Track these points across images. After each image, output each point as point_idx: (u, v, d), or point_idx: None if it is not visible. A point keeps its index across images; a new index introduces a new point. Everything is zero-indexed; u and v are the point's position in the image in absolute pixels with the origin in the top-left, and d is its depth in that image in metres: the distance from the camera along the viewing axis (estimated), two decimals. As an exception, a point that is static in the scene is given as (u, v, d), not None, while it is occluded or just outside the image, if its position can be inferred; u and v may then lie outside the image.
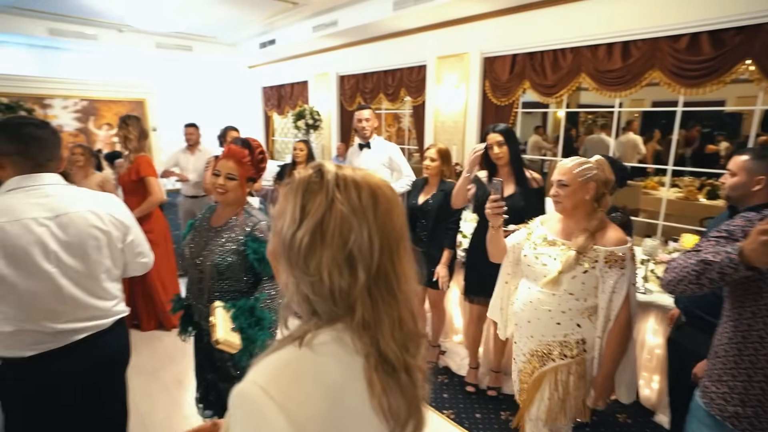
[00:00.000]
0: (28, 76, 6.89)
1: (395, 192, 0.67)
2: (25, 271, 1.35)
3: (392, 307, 0.62)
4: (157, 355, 3.14)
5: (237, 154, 1.68)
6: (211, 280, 1.69)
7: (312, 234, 0.60)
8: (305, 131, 6.86)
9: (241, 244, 1.67)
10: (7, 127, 1.41)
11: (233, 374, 1.75)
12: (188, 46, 7.95)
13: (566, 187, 1.61)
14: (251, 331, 1.57)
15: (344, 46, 6.67)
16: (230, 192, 1.68)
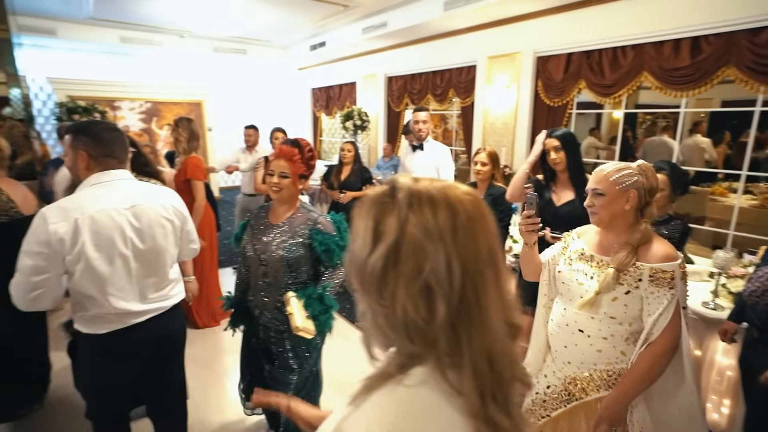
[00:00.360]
0: (102, 81, 7.45)
1: (482, 206, 0.57)
2: (107, 254, 1.51)
3: (478, 345, 0.53)
4: (210, 346, 3.29)
5: (288, 153, 1.78)
6: (278, 273, 1.79)
7: (385, 259, 0.52)
8: (353, 132, 6.95)
9: (307, 237, 1.79)
10: (94, 131, 1.59)
11: (293, 366, 1.85)
12: (243, 50, 8.27)
13: (602, 197, 1.43)
14: (322, 318, 1.73)
15: (393, 47, 6.69)
16: (284, 189, 1.77)
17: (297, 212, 1.85)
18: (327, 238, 1.79)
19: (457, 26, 5.42)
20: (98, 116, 6.40)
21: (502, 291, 0.55)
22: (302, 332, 1.61)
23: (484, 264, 0.53)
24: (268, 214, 1.90)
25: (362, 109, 7.04)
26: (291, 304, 1.67)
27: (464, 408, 0.53)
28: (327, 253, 1.79)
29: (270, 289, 1.83)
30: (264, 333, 1.92)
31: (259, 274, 1.84)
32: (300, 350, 1.87)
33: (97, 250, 1.48)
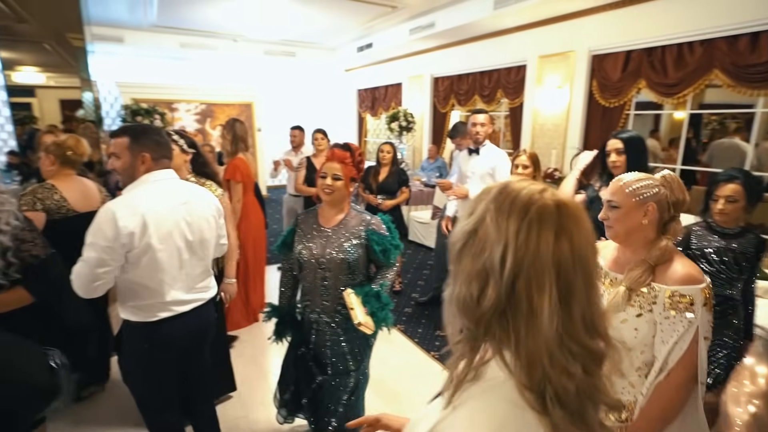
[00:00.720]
0: (162, 84, 7.91)
1: (566, 215, 0.57)
2: (165, 244, 1.61)
3: (531, 342, 0.55)
4: (257, 342, 3.39)
5: (341, 156, 1.80)
6: (338, 276, 1.82)
7: (465, 238, 0.60)
8: (398, 133, 6.95)
9: (363, 238, 1.82)
10: (153, 134, 1.70)
11: (351, 368, 1.87)
12: (292, 52, 8.49)
13: (617, 209, 1.30)
14: (380, 314, 1.76)
15: (439, 47, 6.63)
16: (337, 192, 1.79)
17: (349, 214, 1.88)
18: (383, 238, 1.82)
19: (506, 25, 5.29)
20: (158, 117, 6.79)
21: (571, 305, 0.55)
22: (363, 327, 1.67)
23: (544, 266, 0.54)
24: (318, 218, 1.89)
25: (407, 110, 7.02)
26: (351, 300, 1.72)
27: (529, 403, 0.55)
28: (384, 253, 1.81)
29: (329, 293, 1.85)
30: (318, 338, 1.90)
31: (317, 279, 1.84)
32: (357, 351, 1.89)
33: (160, 242, 1.59)
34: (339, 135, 8.56)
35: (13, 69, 4.39)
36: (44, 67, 4.56)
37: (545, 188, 0.60)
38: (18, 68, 4.42)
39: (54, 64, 4.58)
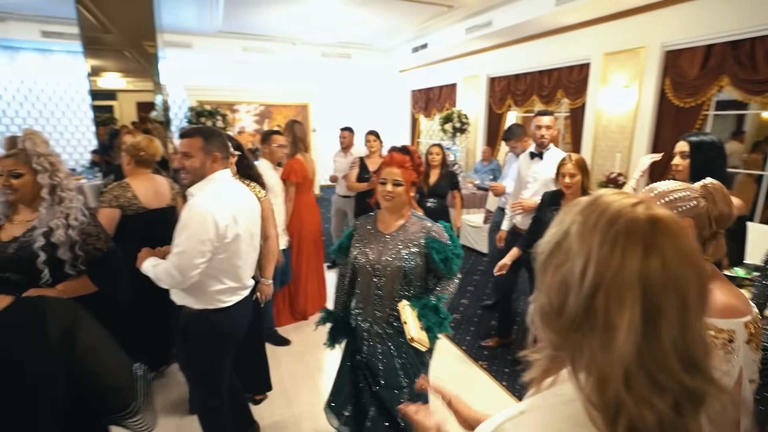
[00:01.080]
0: (224, 87, 8.33)
1: (659, 232, 0.52)
2: (244, 236, 1.80)
3: (601, 359, 0.52)
4: (304, 339, 3.45)
5: (401, 160, 1.73)
6: (392, 285, 1.72)
7: (550, 248, 0.58)
8: (451, 134, 6.84)
9: (423, 246, 1.72)
10: (219, 136, 1.84)
11: (402, 384, 1.74)
12: (348, 54, 8.62)
13: None
14: (436, 329, 1.65)
15: (496, 47, 6.44)
16: (397, 198, 1.71)
17: (409, 220, 1.78)
18: (444, 247, 1.71)
19: (568, 21, 5.03)
20: (220, 119, 7.15)
21: (659, 329, 0.50)
22: (416, 343, 1.54)
23: (626, 283, 0.50)
24: (377, 223, 1.82)
25: (462, 111, 6.89)
26: (405, 313, 1.60)
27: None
28: (445, 263, 1.70)
29: (383, 302, 1.75)
30: (370, 348, 1.81)
31: (371, 286, 1.76)
32: (409, 367, 1.75)
33: (243, 231, 1.79)
34: (392, 136, 8.58)
35: (99, 75, 4.79)
36: (124, 73, 4.95)
37: (640, 201, 0.56)
38: (102, 74, 4.82)
39: (132, 69, 4.95)
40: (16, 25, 6.53)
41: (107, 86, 4.79)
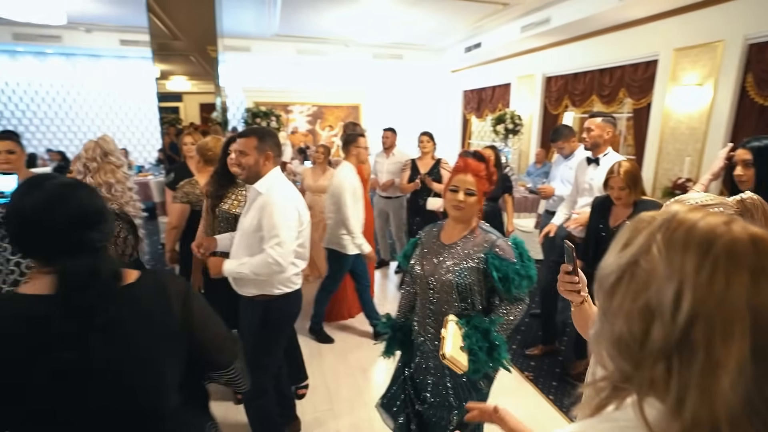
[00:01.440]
0: (279, 89, 8.63)
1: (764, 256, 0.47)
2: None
3: (695, 400, 0.45)
4: (347, 338, 3.49)
5: (476, 168, 1.59)
6: (446, 300, 1.60)
7: (620, 271, 0.52)
8: (503, 136, 6.65)
9: (482, 261, 1.57)
10: (273, 136, 1.95)
11: (453, 403, 1.62)
12: (399, 55, 8.63)
13: None
14: (481, 355, 1.48)
15: (553, 45, 6.17)
16: (468, 208, 1.58)
17: (474, 232, 1.63)
18: (505, 265, 1.53)
19: (634, 16, 4.71)
20: (274, 119, 7.42)
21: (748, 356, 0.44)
22: (449, 362, 1.41)
23: (734, 313, 0.44)
24: (440, 233, 1.71)
25: (515, 112, 6.67)
26: (447, 328, 1.48)
27: None
28: (504, 282, 1.53)
29: (436, 317, 1.63)
30: (422, 361, 1.71)
31: (426, 298, 1.66)
32: (460, 388, 1.62)
33: (303, 218, 1.98)
34: (443, 137, 8.48)
35: (167, 78, 5.14)
36: (189, 76, 5.28)
37: (731, 219, 0.49)
38: (170, 78, 5.17)
39: (196, 73, 5.27)
40: (99, 35, 7.16)
41: (174, 89, 5.13)
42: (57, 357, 0.81)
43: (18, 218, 0.85)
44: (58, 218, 0.85)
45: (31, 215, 0.84)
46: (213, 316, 1.08)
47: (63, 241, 0.85)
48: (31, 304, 0.84)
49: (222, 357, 1.08)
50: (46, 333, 0.82)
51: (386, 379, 1.82)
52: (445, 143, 8.47)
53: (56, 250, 0.85)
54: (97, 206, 0.91)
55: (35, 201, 0.84)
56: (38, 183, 0.87)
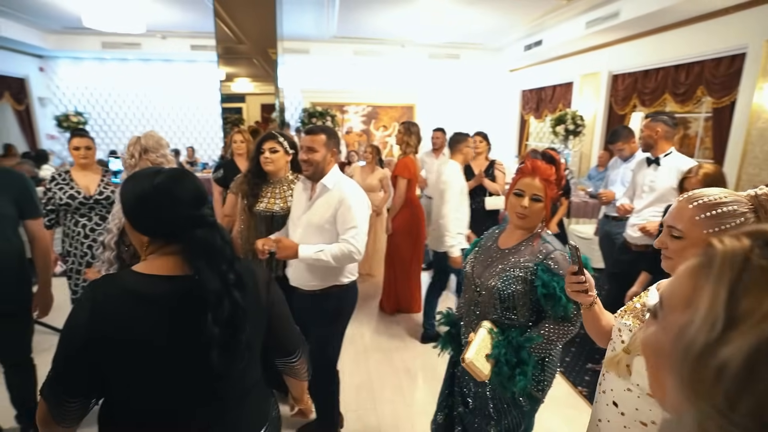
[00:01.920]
0: (335, 89, 8.82)
1: None
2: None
3: None
4: (393, 337, 3.48)
5: (545, 171, 1.46)
6: (489, 305, 1.53)
7: (749, 359, 0.33)
8: (563, 137, 6.34)
9: (530, 272, 1.44)
10: (336, 135, 2.04)
11: (492, 415, 1.55)
12: (456, 54, 8.50)
13: (678, 240, 0.96)
14: (505, 369, 1.39)
15: (620, 40, 5.79)
16: (532, 216, 1.47)
17: (532, 240, 1.50)
18: (555, 281, 1.39)
19: (718, 5, 4.29)
20: (329, 119, 7.58)
21: None
22: (468, 367, 1.36)
23: None
24: (500, 236, 1.62)
25: (577, 112, 6.34)
26: (478, 333, 1.43)
27: None
28: (548, 299, 1.41)
29: (479, 321, 1.55)
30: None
31: (473, 300, 1.60)
32: (498, 401, 1.54)
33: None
34: (498, 138, 8.25)
35: (231, 81, 5.41)
36: (252, 78, 5.53)
37: None
38: (234, 80, 5.43)
39: (259, 75, 5.50)
40: (173, 41, 7.70)
41: (238, 90, 5.40)
42: (203, 326, 0.91)
43: (145, 199, 0.94)
44: (183, 195, 0.95)
45: (158, 195, 0.93)
46: (286, 307, 1.19)
47: (189, 216, 0.95)
48: (157, 283, 0.94)
49: (290, 344, 1.19)
50: (180, 308, 0.92)
51: (428, 382, 1.79)
52: (501, 144, 8.22)
53: (185, 224, 0.94)
54: (203, 187, 1.01)
55: (160, 182, 0.94)
56: (156, 170, 0.98)
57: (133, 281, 0.94)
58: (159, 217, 0.95)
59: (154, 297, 0.92)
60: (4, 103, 7.44)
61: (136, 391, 0.95)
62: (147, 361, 0.92)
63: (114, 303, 0.91)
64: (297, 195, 2.12)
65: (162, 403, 0.96)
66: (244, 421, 1.07)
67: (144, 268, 0.96)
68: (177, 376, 0.95)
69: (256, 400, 1.12)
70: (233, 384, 1.02)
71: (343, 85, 8.96)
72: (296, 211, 2.07)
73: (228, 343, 0.94)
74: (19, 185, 2.02)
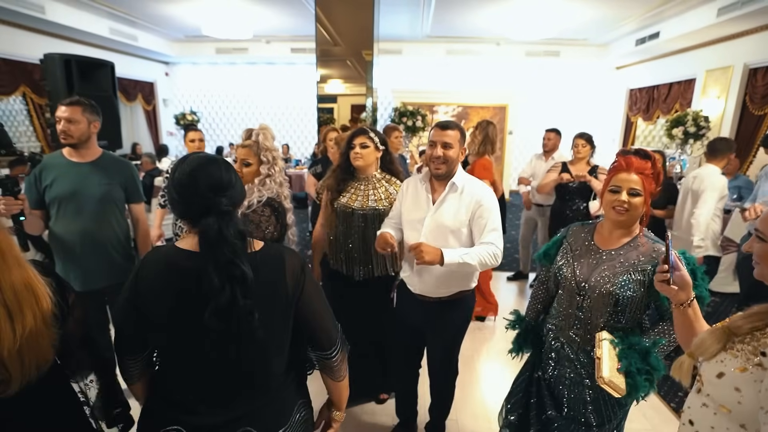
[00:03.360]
0: (427, 89, 8.78)
1: None
2: None
3: None
4: (475, 343, 3.33)
5: (640, 165, 1.44)
6: (597, 310, 1.46)
7: None
8: (681, 141, 5.63)
9: (649, 274, 1.39)
10: (463, 129, 1.97)
11: (591, 422, 1.51)
12: (556, 52, 7.99)
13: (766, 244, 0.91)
14: (639, 379, 1.32)
15: (761, 28, 4.96)
16: (633, 211, 1.43)
17: (637, 240, 1.46)
18: None
19: None
20: (419, 119, 7.56)
21: None
22: (607, 386, 1.30)
23: None
24: (595, 234, 1.56)
25: (701, 113, 5.59)
26: (602, 348, 1.35)
27: None
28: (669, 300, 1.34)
29: (582, 326, 1.51)
30: (557, 371, 1.59)
31: (572, 304, 1.52)
32: (603, 405, 1.48)
33: None
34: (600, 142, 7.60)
35: (325, 82, 5.63)
36: (344, 79, 5.69)
37: None
38: (328, 81, 5.64)
39: (351, 76, 5.64)
40: (276, 45, 8.25)
41: (331, 91, 5.60)
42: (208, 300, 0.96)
43: (173, 181, 1.03)
44: (202, 180, 1.01)
45: (179, 182, 1.02)
46: (321, 297, 1.16)
47: (203, 201, 1.00)
48: (185, 257, 1.02)
49: (325, 337, 1.15)
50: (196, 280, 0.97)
51: (493, 387, 1.70)
52: (603, 149, 7.57)
53: (197, 210, 1.00)
54: (226, 177, 1.05)
55: (183, 171, 1.02)
56: (186, 157, 1.07)
57: (171, 253, 1.04)
58: (179, 197, 1.03)
59: (181, 268, 1.00)
60: (136, 104, 8.54)
61: (163, 352, 1.07)
62: (169, 325, 1.01)
63: (151, 269, 1.03)
64: (411, 196, 1.96)
65: (184, 371, 1.04)
66: (259, 413, 1.08)
67: (181, 243, 1.05)
68: (193, 348, 1.02)
69: (276, 397, 1.11)
70: (246, 371, 1.05)
71: (434, 85, 8.90)
72: (415, 213, 1.91)
73: (229, 332, 0.97)
74: (126, 173, 2.30)
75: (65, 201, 2.12)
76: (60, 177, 2.11)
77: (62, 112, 2.08)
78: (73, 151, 2.15)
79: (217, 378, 1.04)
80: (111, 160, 2.28)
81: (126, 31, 7.04)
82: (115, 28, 6.79)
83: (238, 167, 1.91)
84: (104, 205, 2.20)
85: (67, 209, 2.13)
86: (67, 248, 2.14)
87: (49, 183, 2.09)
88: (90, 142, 2.19)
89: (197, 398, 1.05)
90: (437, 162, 1.80)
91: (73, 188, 2.12)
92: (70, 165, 2.14)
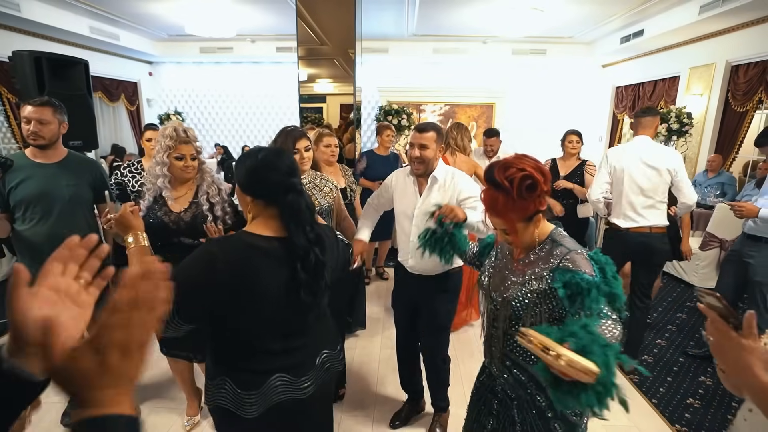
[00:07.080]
0: (413, 87, 8.72)
1: None
2: None
3: None
4: (454, 347, 3.32)
5: (492, 201, 1.43)
6: (506, 320, 1.32)
7: None
8: (665, 138, 5.67)
9: (546, 281, 1.22)
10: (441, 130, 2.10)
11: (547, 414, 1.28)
12: (542, 50, 8.00)
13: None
14: (599, 351, 0.94)
15: (743, 25, 5.02)
16: (521, 238, 1.34)
17: (543, 243, 1.29)
18: (577, 277, 1.15)
19: None
20: (405, 117, 7.52)
21: None
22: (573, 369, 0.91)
23: None
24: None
25: (683, 109, 5.63)
26: (536, 337, 0.97)
27: None
28: (572, 299, 1.15)
29: (492, 340, 1.40)
30: (504, 386, 1.40)
31: (490, 315, 1.40)
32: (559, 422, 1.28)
33: None
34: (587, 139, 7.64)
35: (314, 81, 5.57)
36: (333, 79, 5.63)
37: None
38: (317, 80, 5.59)
39: (339, 75, 5.60)
40: (261, 44, 8.15)
41: (320, 91, 5.55)
42: (298, 276, 1.20)
43: (254, 168, 1.22)
44: (281, 165, 1.22)
45: (262, 164, 1.21)
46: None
47: (283, 182, 1.21)
48: (262, 240, 1.21)
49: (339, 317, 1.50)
50: (282, 261, 1.20)
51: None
52: (590, 145, 7.60)
53: (278, 189, 1.20)
54: (296, 163, 1.30)
55: (264, 155, 1.23)
56: (260, 148, 1.28)
57: (251, 239, 1.20)
58: (262, 180, 1.22)
59: (267, 250, 1.19)
60: (119, 104, 8.39)
61: (248, 322, 1.20)
62: (263, 298, 1.18)
63: (240, 254, 1.16)
64: (400, 188, 2.20)
65: (268, 329, 1.23)
66: (322, 337, 1.38)
67: (254, 230, 1.23)
68: (281, 309, 1.22)
69: (327, 321, 1.42)
70: (317, 313, 1.31)
71: (421, 84, 8.85)
72: (405, 204, 2.15)
73: (312, 285, 1.22)
74: (94, 172, 2.29)
75: (33, 203, 2.06)
76: (27, 179, 2.04)
77: (32, 113, 2.00)
78: (38, 152, 2.08)
79: (300, 321, 1.27)
80: (77, 160, 2.22)
81: (107, 30, 6.90)
82: (95, 27, 6.65)
83: (186, 162, 2.04)
84: (74, 206, 2.15)
85: (35, 211, 2.07)
86: (35, 251, 2.08)
87: (14, 185, 2.02)
88: (57, 143, 2.12)
89: (283, 346, 1.25)
90: (416, 162, 2.01)
91: (41, 190, 2.05)
92: (36, 166, 2.07)
